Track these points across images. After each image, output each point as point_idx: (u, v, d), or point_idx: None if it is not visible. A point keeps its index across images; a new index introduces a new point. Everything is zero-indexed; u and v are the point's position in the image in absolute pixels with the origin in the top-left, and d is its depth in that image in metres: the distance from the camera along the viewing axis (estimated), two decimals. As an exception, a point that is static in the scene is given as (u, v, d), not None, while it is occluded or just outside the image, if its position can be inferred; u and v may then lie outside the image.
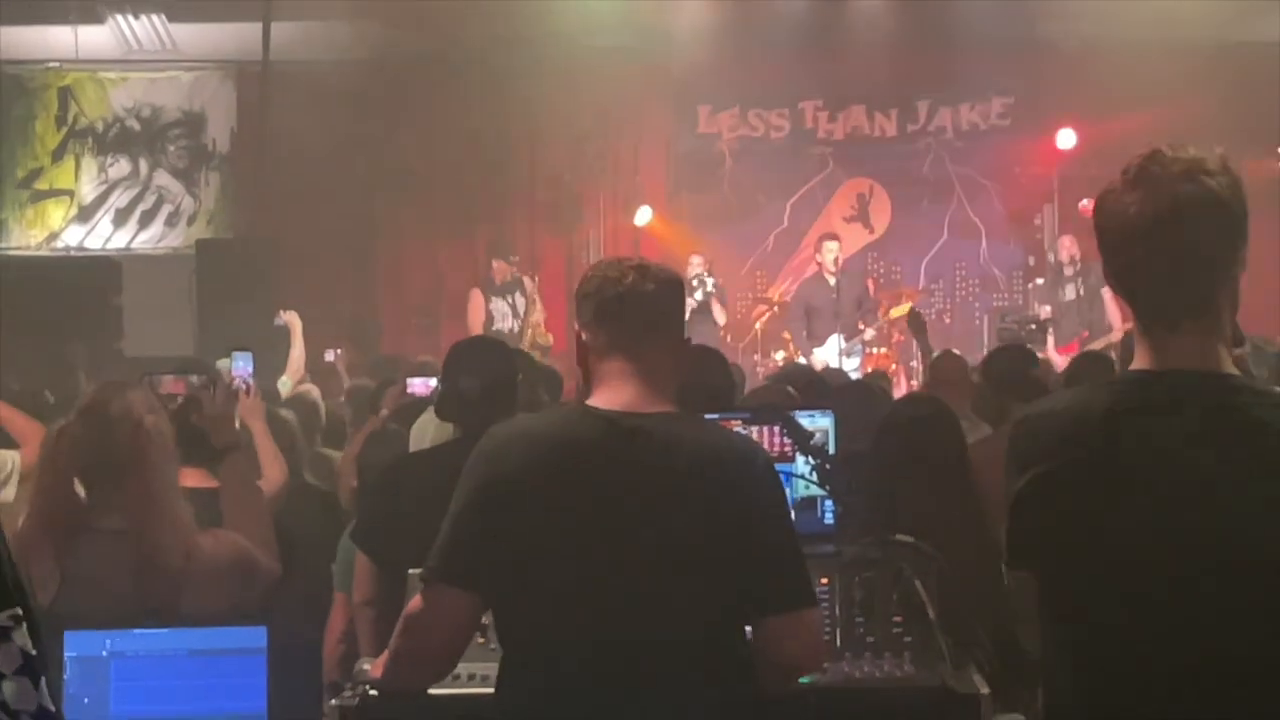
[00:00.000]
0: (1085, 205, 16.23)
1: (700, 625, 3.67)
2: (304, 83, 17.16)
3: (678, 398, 3.89)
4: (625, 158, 17.53)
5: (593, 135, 17.16)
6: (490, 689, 3.80)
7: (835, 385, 8.97)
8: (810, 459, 4.68)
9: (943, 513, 5.19)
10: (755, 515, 3.72)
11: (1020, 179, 18.24)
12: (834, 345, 15.52)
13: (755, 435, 4.89)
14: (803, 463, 4.78)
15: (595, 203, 18.06)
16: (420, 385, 9.91)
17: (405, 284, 17.81)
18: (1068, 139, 17.49)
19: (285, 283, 15.67)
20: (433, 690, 3.93)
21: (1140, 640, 3.09)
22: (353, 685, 4.14)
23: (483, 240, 17.38)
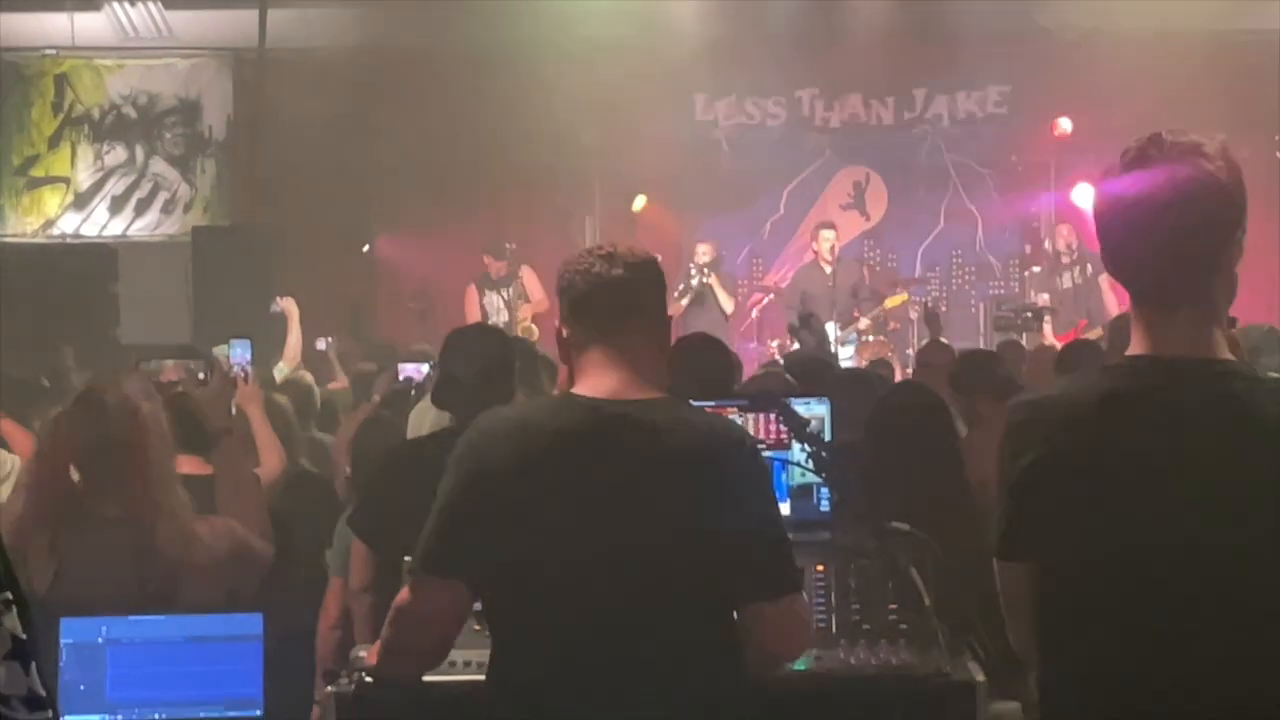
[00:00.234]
0: (1082, 197, 16.29)
1: (688, 611, 3.66)
2: (300, 70, 17.15)
3: (674, 386, 3.88)
4: (622, 145, 17.49)
5: (589, 123, 17.13)
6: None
7: (834, 374, 8.99)
8: (806, 446, 4.68)
9: (934, 501, 5.19)
10: (740, 501, 3.71)
11: (1017, 167, 18.23)
12: (830, 333, 15.50)
13: (752, 423, 4.89)
14: (799, 450, 4.78)
15: (591, 191, 18.04)
16: (413, 370, 9.94)
17: (401, 271, 17.79)
18: (1065, 127, 17.47)
19: (281, 270, 15.68)
20: (428, 677, 3.93)
21: (1137, 627, 3.10)
22: (349, 673, 4.14)
23: (479, 228, 17.35)
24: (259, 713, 4.74)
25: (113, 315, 15.05)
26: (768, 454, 4.67)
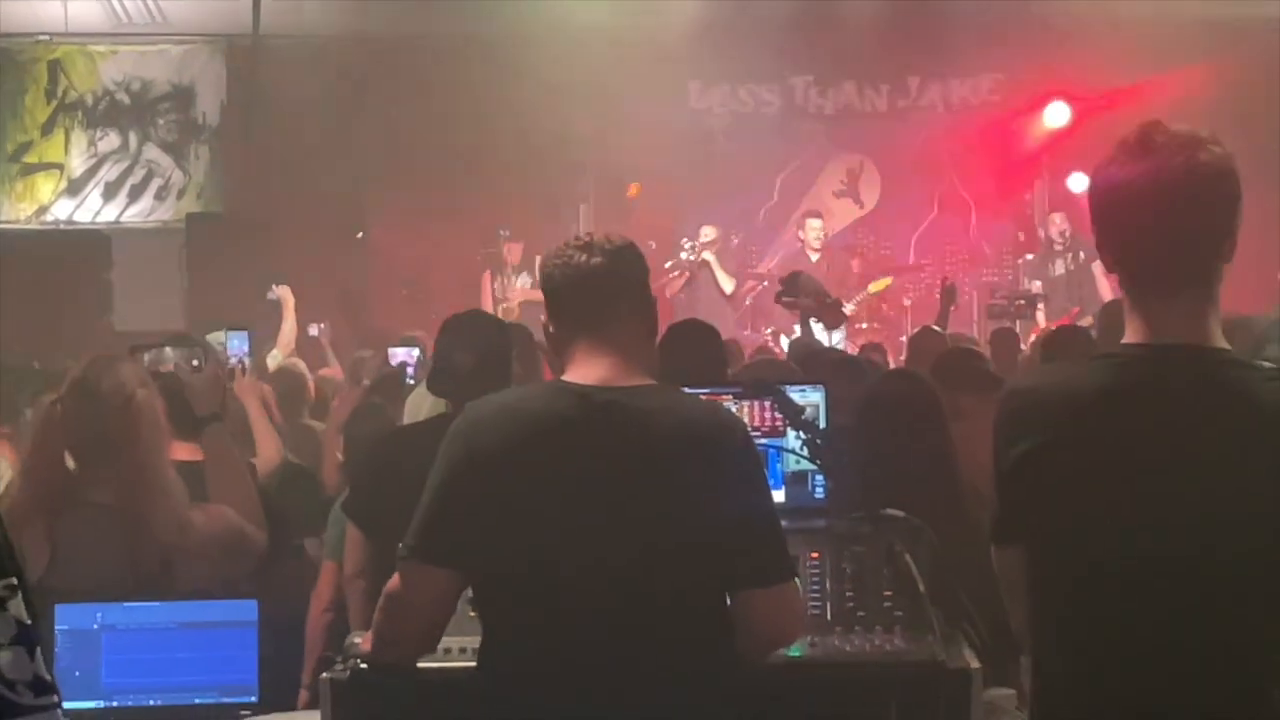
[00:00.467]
0: (1076, 185, 16.29)
1: (680, 598, 3.66)
2: (294, 56, 17.14)
3: (666, 372, 3.88)
4: (616, 133, 17.46)
5: (583, 110, 17.11)
6: (480, 663, 3.81)
7: (826, 360, 8.99)
8: (801, 434, 4.68)
9: (924, 489, 5.19)
10: (731, 487, 3.71)
11: (1011, 155, 18.22)
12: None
13: (746, 410, 4.89)
14: (794, 437, 4.78)
15: (586, 178, 18.03)
16: (404, 354, 9.94)
17: (395, 259, 17.76)
18: (1058, 115, 17.48)
19: (275, 256, 15.66)
20: (423, 663, 3.94)
21: (1129, 614, 3.11)
22: (343, 659, 4.15)
23: (473, 216, 17.33)
24: (254, 699, 4.75)
25: (106, 302, 15.03)
26: (763, 441, 4.68)
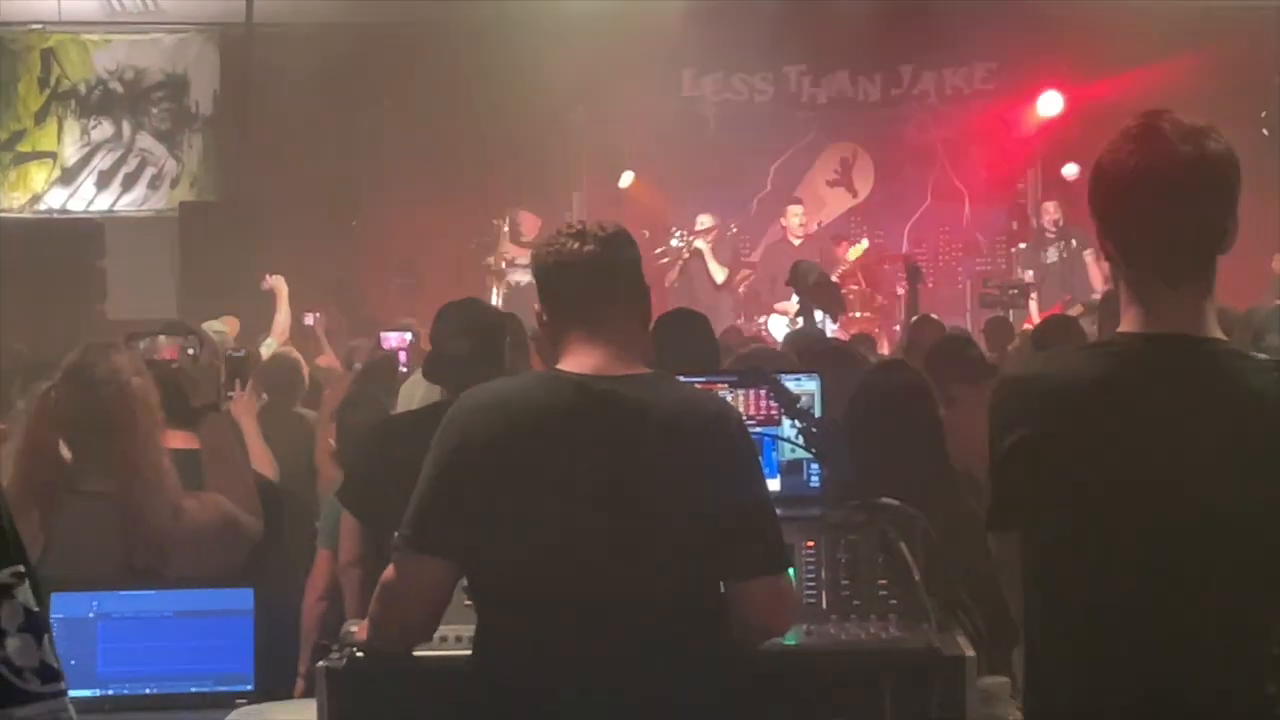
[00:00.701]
0: (1069, 174, 16.27)
1: (676, 586, 3.66)
2: (287, 45, 17.11)
3: (660, 361, 3.88)
4: (609, 121, 17.46)
5: (576, 99, 17.11)
6: (476, 651, 3.81)
7: (816, 350, 9.00)
8: (796, 422, 4.69)
9: (915, 479, 5.19)
10: (726, 477, 3.72)
11: (1004, 143, 18.23)
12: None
13: (742, 398, 4.89)
14: (789, 426, 4.78)
15: (578, 166, 18.03)
16: (396, 339, 9.95)
17: (388, 247, 17.76)
18: (1052, 103, 17.48)
19: (268, 245, 15.65)
20: (418, 652, 3.94)
21: (1121, 602, 3.11)
22: (339, 647, 4.15)
23: (466, 204, 17.34)
24: (250, 687, 4.75)
25: (99, 291, 15.02)
26: (758, 430, 4.68)
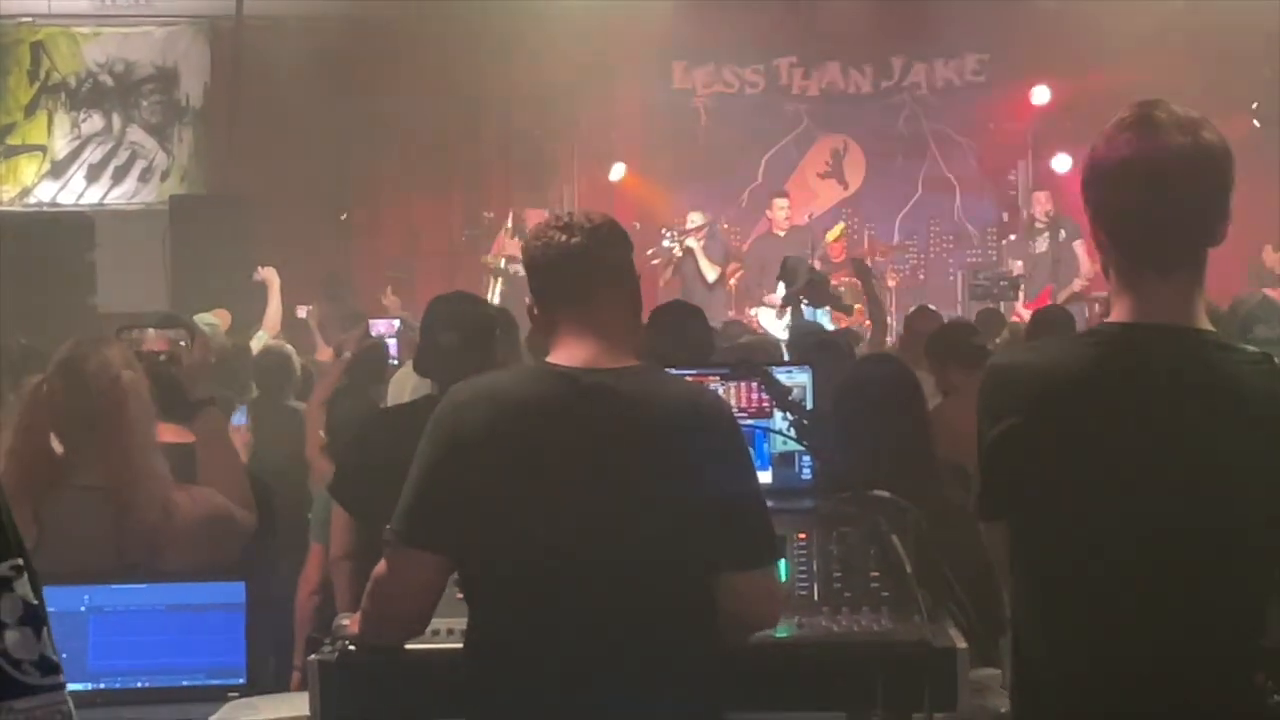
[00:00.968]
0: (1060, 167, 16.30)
1: (666, 580, 3.66)
2: (277, 38, 17.11)
3: (652, 354, 3.88)
4: (600, 114, 17.46)
5: (567, 91, 17.10)
6: (469, 645, 3.81)
7: (802, 343, 9.02)
8: (788, 415, 4.69)
9: (901, 472, 5.19)
10: (717, 470, 3.71)
11: (995, 135, 18.25)
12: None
13: (734, 391, 4.90)
14: (780, 418, 4.79)
15: (570, 159, 18.03)
16: (384, 325, 9.96)
17: (379, 240, 17.77)
18: (1042, 95, 17.49)
19: (258, 238, 15.64)
20: (410, 645, 3.94)
21: (1109, 593, 3.12)
22: (331, 640, 4.15)
23: (457, 197, 17.35)
24: (242, 681, 4.74)
25: (89, 284, 14.99)
26: (749, 422, 4.69)
